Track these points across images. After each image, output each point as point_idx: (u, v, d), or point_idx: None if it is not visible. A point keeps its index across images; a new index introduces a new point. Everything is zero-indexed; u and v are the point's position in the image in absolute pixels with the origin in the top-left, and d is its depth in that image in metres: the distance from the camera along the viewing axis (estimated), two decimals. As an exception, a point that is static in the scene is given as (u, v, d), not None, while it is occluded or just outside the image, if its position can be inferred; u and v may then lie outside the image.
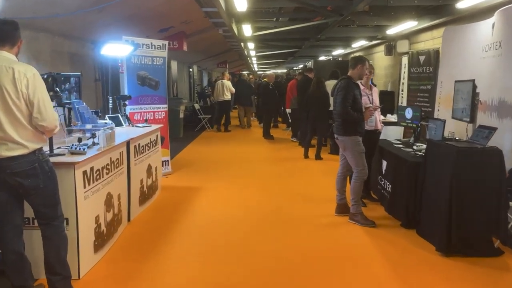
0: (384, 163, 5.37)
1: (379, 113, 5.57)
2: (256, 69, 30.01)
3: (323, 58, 18.28)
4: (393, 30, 9.03)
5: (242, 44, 12.74)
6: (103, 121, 4.81)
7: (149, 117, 6.61)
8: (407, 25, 8.23)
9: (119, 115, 5.48)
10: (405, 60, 9.09)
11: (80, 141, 3.56)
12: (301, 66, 24.52)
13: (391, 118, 7.57)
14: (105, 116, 5.27)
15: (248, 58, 19.84)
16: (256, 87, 14.75)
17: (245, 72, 25.21)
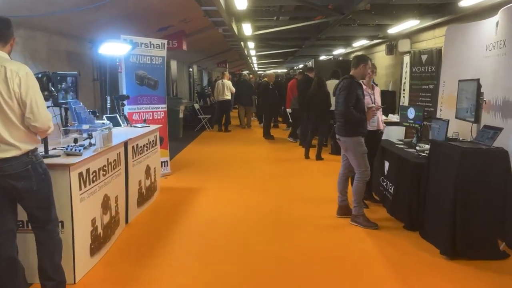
0: (386, 164, 5.29)
1: (381, 113, 5.50)
2: (256, 69, 29.95)
3: (323, 58, 18.21)
4: (395, 29, 8.95)
5: (242, 44, 12.67)
6: (101, 121, 4.72)
7: (148, 117, 6.53)
8: (409, 24, 8.15)
9: (117, 115, 5.40)
10: (406, 59, 9.01)
11: (76, 142, 3.49)
12: (301, 66, 24.45)
13: (393, 118, 7.48)
14: (103, 116, 5.19)
15: (248, 58, 19.77)
16: (256, 87, 14.67)
17: (245, 72, 25.15)
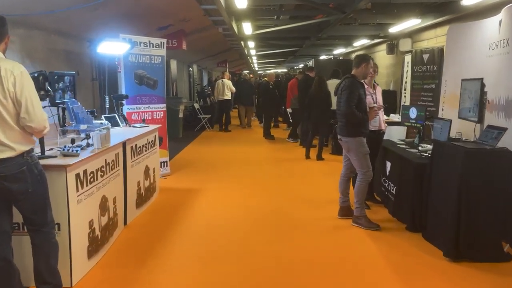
0: (388, 164, 5.24)
1: (383, 113, 5.44)
2: (257, 69, 29.89)
3: (324, 57, 18.14)
4: (396, 29, 8.88)
5: (242, 43, 12.61)
6: (99, 121, 4.66)
7: (147, 117, 6.47)
8: (410, 23, 8.08)
9: (115, 115, 5.34)
10: (408, 58, 8.94)
11: (73, 142, 3.42)
12: (301, 66, 24.38)
13: (394, 118, 7.42)
14: (101, 116, 5.13)
15: (248, 57, 19.71)
16: (256, 87, 14.61)
17: (245, 71, 25.09)
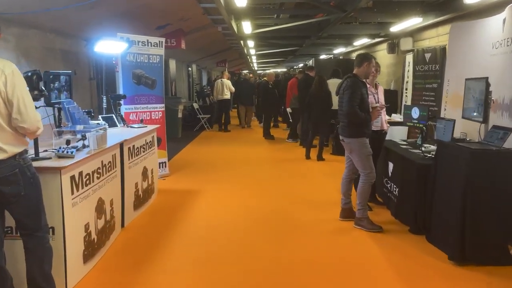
0: (390, 165, 5.15)
1: (385, 113, 5.36)
2: (256, 68, 29.78)
3: (323, 57, 18.05)
4: (397, 28, 8.80)
5: (242, 42, 12.51)
6: (96, 121, 4.57)
7: (145, 117, 6.38)
8: (412, 22, 7.99)
9: (113, 115, 5.24)
10: (409, 58, 8.85)
11: (68, 144, 3.33)
12: (301, 65, 24.30)
13: (396, 118, 7.34)
14: (98, 117, 5.04)
15: (248, 57, 19.61)
16: (255, 86, 14.52)
17: (245, 71, 25.00)
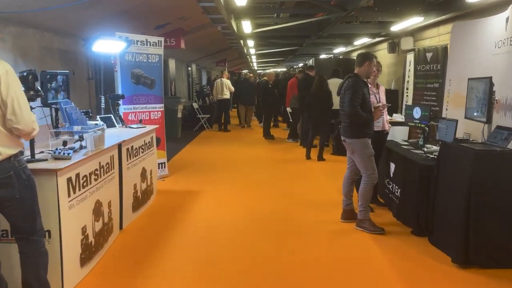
0: (392, 166, 5.09)
1: (386, 113, 5.29)
2: (256, 68, 29.71)
3: (323, 56, 17.99)
4: (398, 27, 8.74)
5: (242, 42, 12.45)
6: (94, 122, 4.50)
7: (144, 118, 6.31)
8: (413, 21, 7.93)
9: (111, 115, 5.18)
10: (410, 57, 8.78)
11: (65, 145, 3.27)
12: (301, 65, 24.23)
13: (397, 118, 7.28)
14: (97, 117, 4.97)
15: (248, 57, 19.54)
16: (255, 86, 14.45)
17: (245, 70, 24.93)
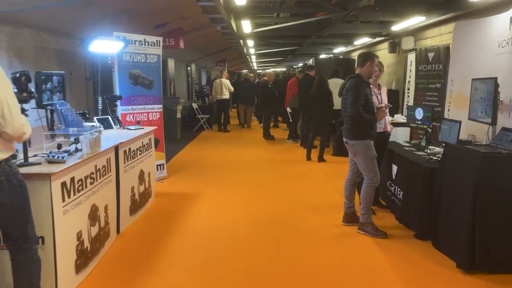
0: (394, 168, 5.00)
1: (388, 113, 5.20)
2: (256, 68, 29.62)
3: (323, 56, 17.90)
4: (399, 26, 8.65)
5: (241, 42, 12.36)
6: (91, 123, 4.41)
7: (142, 119, 6.22)
8: (414, 21, 7.84)
9: (109, 116, 5.08)
10: (411, 57, 8.69)
11: (60, 148, 3.17)
12: (300, 65, 24.14)
13: (399, 119, 7.20)
14: (94, 118, 4.88)
15: (248, 56, 19.44)
16: (255, 86, 14.36)
17: (245, 70, 24.84)
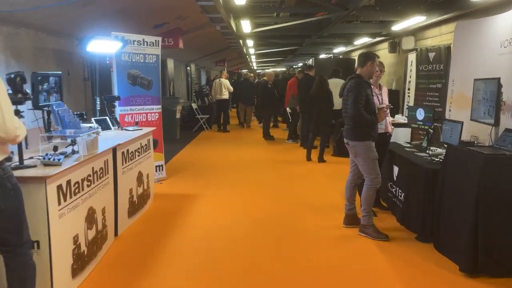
0: (396, 169, 4.95)
1: (389, 114, 5.15)
2: (255, 68, 29.58)
3: (323, 56, 17.85)
4: (399, 26, 8.60)
5: (241, 42, 12.31)
6: (88, 124, 4.35)
7: (141, 119, 6.16)
8: (414, 21, 7.80)
9: (107, 117, 5.03)
10: (411, 57, 8.64)
11: (56, 150, 3.12)
12: (300, 64, 24.10)
13: (400, 119, 7.14)
14: (91, 119, 4.82)
15: (247, 56, 19.39)
16: (255, 86, 14.31)
17: (244, 70, 24.80)
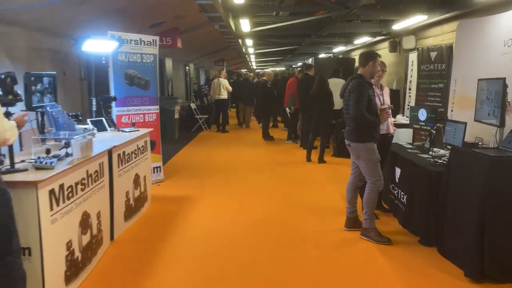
0: (398, 170, 4.86)
1: (391, 115, 5.06)
2: (255, 67, 29.48)
3: (323, 56, 17.76)
4: (400, 25, 8.52)
5: (240, 41, 12.21)
6: (84, 126, 4.25)
7: (138, 120, 6.05)
8: (416, 20, 7.71)
9: (103, 118, 4.93)
10: (412, 57, 8.54)
11: (48, 153, 3.02)
12: (300, 64, 24.01)
13: (401, 120, 7.05)
14: (87, 120, 4.72)
15: (247, 56, 19.30)
16: (255, 86, 14.21)
17: (243, 70, 24.72)
